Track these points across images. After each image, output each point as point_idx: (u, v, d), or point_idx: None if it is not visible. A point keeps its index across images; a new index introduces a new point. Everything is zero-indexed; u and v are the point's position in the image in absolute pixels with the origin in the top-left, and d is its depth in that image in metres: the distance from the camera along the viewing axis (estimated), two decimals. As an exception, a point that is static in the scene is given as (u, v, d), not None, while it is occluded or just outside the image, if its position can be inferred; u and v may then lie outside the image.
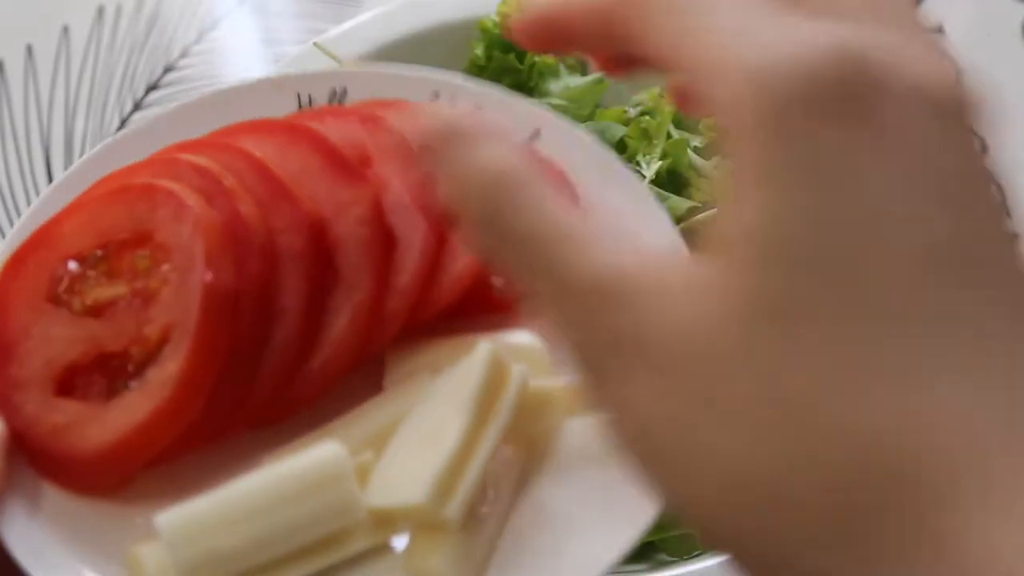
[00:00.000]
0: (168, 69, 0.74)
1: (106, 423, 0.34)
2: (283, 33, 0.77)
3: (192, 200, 0.36)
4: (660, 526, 0.47)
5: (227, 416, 0.35)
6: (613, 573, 0.49)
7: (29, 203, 0.67)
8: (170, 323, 0.35)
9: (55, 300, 0.36)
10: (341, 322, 0.36)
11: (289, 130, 0.39)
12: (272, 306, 0.36)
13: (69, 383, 0.35)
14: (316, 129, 0.39)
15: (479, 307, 0.38)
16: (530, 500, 0.35)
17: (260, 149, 0.38)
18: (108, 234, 0.36)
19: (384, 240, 0.37)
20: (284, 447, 0.35)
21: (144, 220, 0.36)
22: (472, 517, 0.33)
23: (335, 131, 0.39)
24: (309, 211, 0.37)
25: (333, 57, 0.59)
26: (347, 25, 0.62)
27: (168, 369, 0.34)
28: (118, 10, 0.77)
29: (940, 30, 0.77)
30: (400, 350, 0.37)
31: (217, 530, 0.32)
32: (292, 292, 0.36)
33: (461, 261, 0.37)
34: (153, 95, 0.73)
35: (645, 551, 0.48)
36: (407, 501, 0.32)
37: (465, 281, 0.37)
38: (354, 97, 0.42)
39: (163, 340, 0.35)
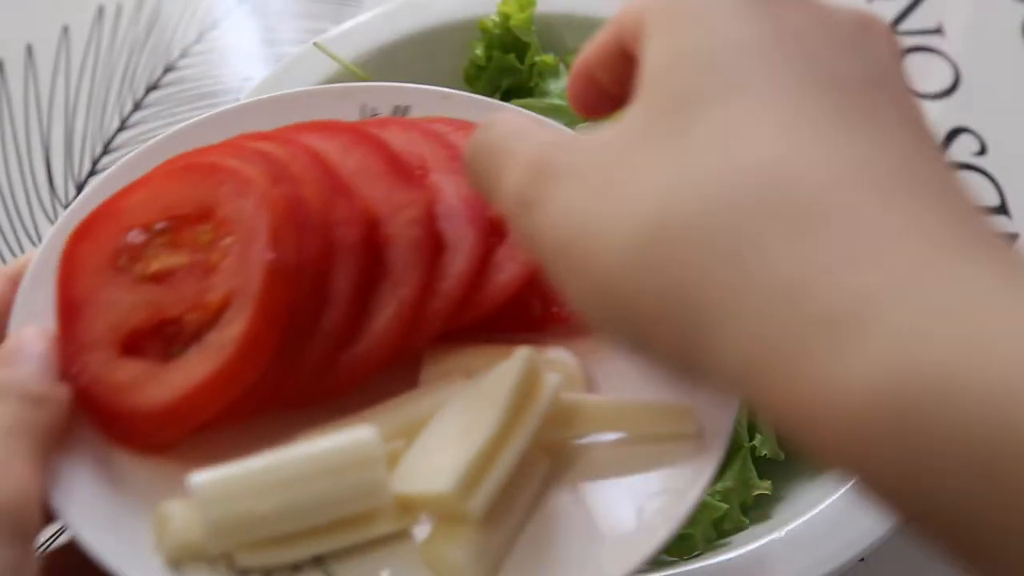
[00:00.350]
0: (168, 69, 0.74)
1: (166, 382, 0.36)
2: (283, 33, 0.77)
3: (256, 178, 0.37)
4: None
5: (271, 391, 0.36)
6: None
7: (29, 203, 0.67)
8: (232, 291, 0.36)
9: (119, 268, 0.38)
10: (385, 315, 0.37)
11: (352, 132, 0.41)
12: (323, 291, 0.37)
13: (131, 347, 0.37)
14: (378, 134, 0.41)
15: (517, 323, 0.39)
16: (549, 508, 0.36)
17: (323, 146, 0.39)
18: (171, 208, 0.38)
19: (433, 244, 0.38)
20: (317, 430, 0.36)
21: (207, 196, 0.38)
22: (493, 515, 0.34)
23: (397, 139, 0.41)
24: (365, 207, 0.38)
25: (333, 57, 0.59)
26: (347, 25, 0.62)
27: (229, 332, 0.36)
28: (118, 10, 0.77)
29: (940, 30, 0.77)
30: (438, 351, 0.38)
31: (247, 495, 0.33)
32: (342, 280, 0.37)
33: (505, 273, 0.39)
34: (153, 95, 0.73)
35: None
36: (433, 489, 0.33)
37: (508, 292, 0.38)
38: (417, 114, 0.44)
39: (223, 306, 0.36)
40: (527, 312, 0.39)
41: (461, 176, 0.38)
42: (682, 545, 0.47)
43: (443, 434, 0.35)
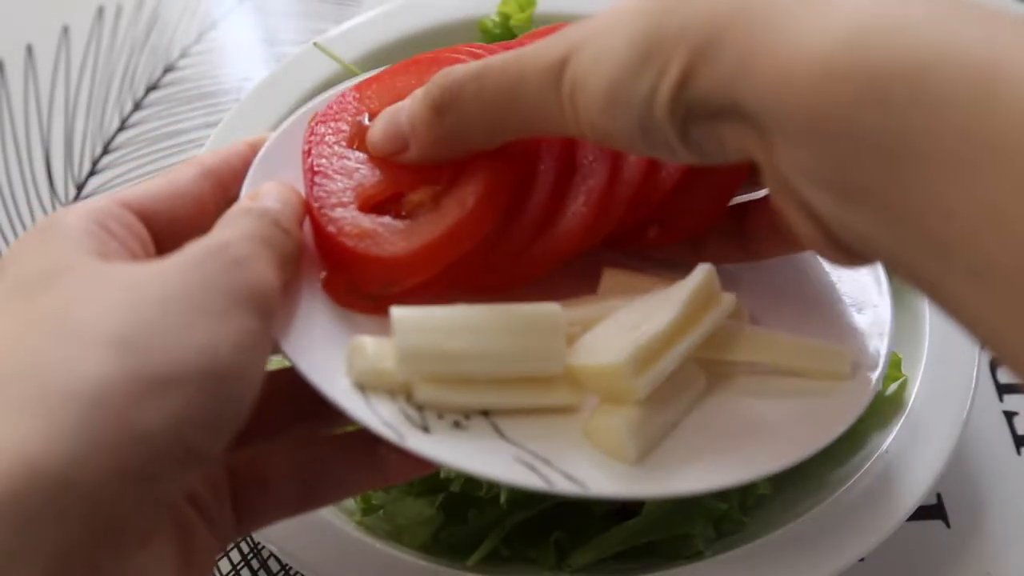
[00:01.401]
0: (168, 69, 0.74)
1: (409, 233, 0.41)
2: (283, 33, 0.77)
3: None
4: (660, 526, 0.47)
5: (477, 265, 0.42)
6: (608, 573, 0.49)
7: (29, 203, 0.67)
8: (463, 168, 0.41)
9: (356, 144, 0.43)
10: (578, 201, 0.43)
11: None
12: (528, 183, 0.42)
13: (370, 210, 0.42)
14: None
15: (635, 241, 0.44)
16: (702, 414, 0.39)
17: None
18: (401, 96, 0.43)
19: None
20: None
21: None
22: (655, 403, 0.37)
23: None
24: None
25: (333, 57, 0.59)
26: (347, 25, 0.62)
27: (465, 194, 0.41)
28: (118, 10, 0.77)
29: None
30: (615, 272, 0.43)
31: (438, 332, 0.37)
32: (544, 174, 0.43)
33: (668, 170, 0.44)
34: (153, 95, 0.73)
35: (645, 551, 0.48)
36: (605, 362, 0.36)
37: (675, 180, 0.43)
38: None
39: (454, 180, 0.41)
40: (644, 232, 0.44)
41: None
42: (682, 545, 0.47)
43: (620, 324, 0.38)
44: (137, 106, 0.72)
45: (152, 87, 0.73)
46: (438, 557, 0.47)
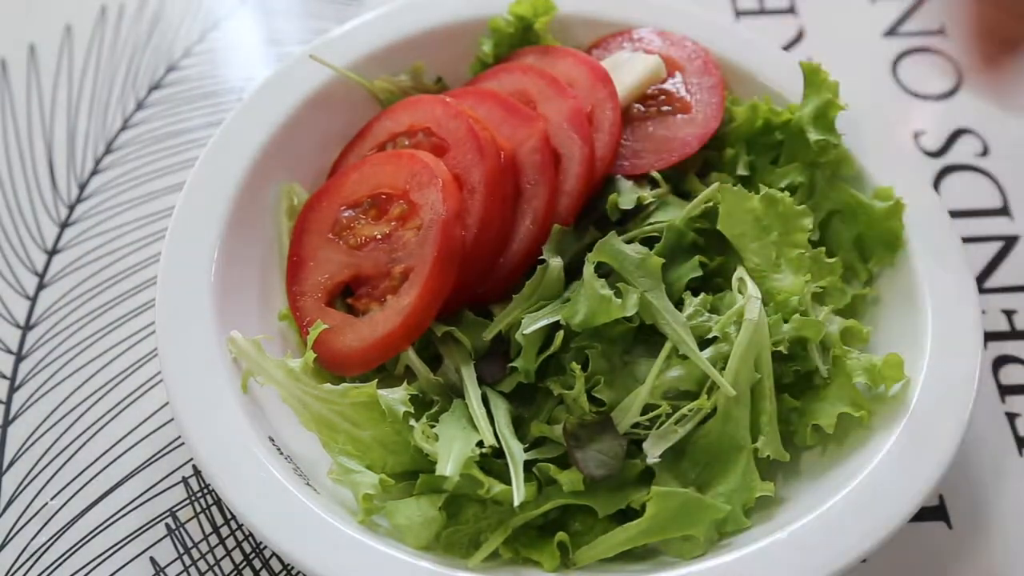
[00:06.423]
0: (171, 68, 0.74)
1: (358, 333, 0.50)
2: (285, 33, 0.77)
3: (439, 171, 0.50)
4: (663, 527, 0.47)
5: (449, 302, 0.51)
6: (611, 573, 0.48)
7: (31, 201, 0.67)
8: (410, 267, 0.50)
9: (336, 233, 0.53)
10: (524, 224, 0.52)
11: (476, 94, 0.56)
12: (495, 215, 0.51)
13: (335, 296, 0.52)
14: (493, 87, 0.56)
15: None
16: None
17: (473, 111, 0.54)
18: (378, 188, 0.52)
19: (552, 160, 0.52)
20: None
21: (404, 181, 0.51)
22: None
23: (507, 85, 0.56)
24: (509, 148, 0.53)
25: (330, 66, 0.60)
26: (349, 25, 0.62)
27: (404, 301, 0.49)
28: (121, 10, 0.77)
29: (942, 31, 0.77)
30: None
31: None
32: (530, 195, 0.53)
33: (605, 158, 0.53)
34: (156, 94, 0.73)
35: (647, 552, 0.48)
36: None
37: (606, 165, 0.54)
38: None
39: (404, 277, 0.50)
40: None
41: (561, 98, 0.53)
42: (685, 546, 0.47)
43: None
44: (140, 105, 0.72)
45: (155, 86, 0.73)
46: (439, 557, 0.47)
